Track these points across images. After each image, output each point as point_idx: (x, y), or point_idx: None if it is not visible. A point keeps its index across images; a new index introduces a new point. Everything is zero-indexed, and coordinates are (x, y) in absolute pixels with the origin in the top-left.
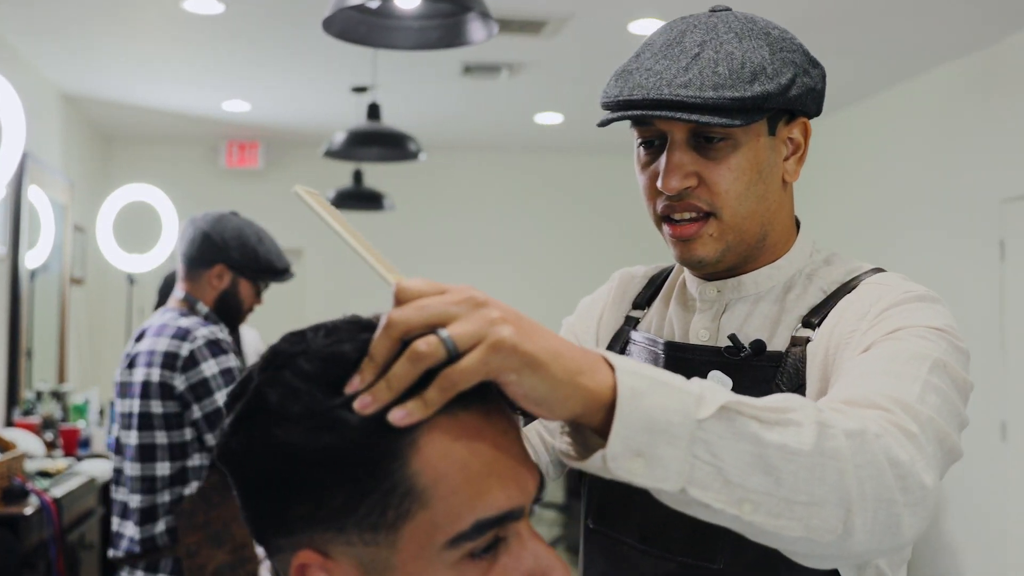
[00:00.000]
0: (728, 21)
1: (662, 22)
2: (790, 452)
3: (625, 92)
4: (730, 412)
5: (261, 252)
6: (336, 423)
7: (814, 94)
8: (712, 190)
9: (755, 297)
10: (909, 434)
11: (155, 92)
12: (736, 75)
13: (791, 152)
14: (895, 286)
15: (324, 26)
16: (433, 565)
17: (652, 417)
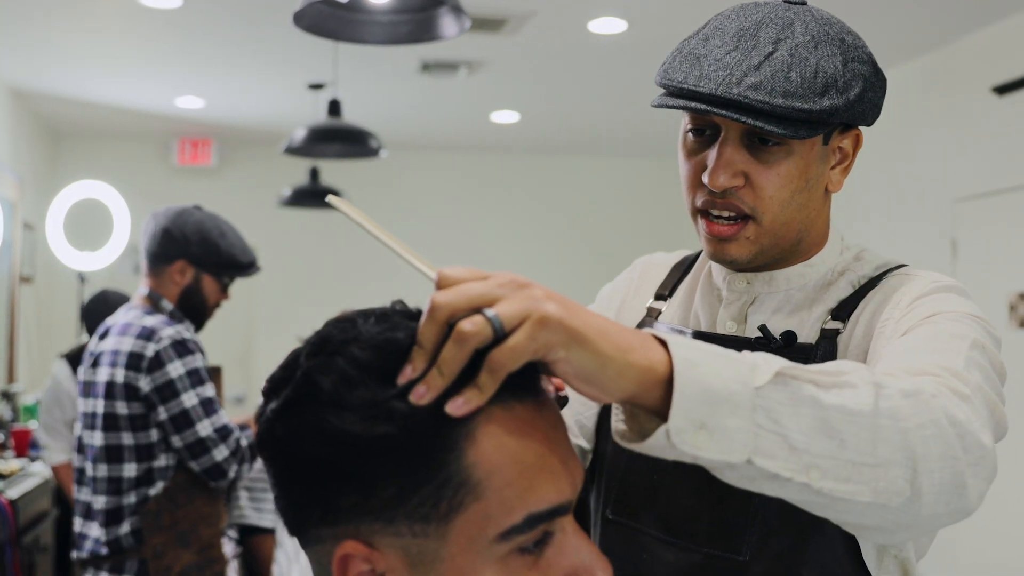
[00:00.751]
0: (805, 20)
1: (623, 22)
2: (850, 413)
3: (691, 80)
4: (786, 377)
5: (223, 246)
6: (393, 413)
7: (873, 107)
8: (757, 193)
9: (786, 294)
10: (963, 395)
11: (107, 87)
12: (808, 84)
13: (838, 162)
14: (924, 276)
15: (295, 20)
16: (482, 558)
17: (711, 387)
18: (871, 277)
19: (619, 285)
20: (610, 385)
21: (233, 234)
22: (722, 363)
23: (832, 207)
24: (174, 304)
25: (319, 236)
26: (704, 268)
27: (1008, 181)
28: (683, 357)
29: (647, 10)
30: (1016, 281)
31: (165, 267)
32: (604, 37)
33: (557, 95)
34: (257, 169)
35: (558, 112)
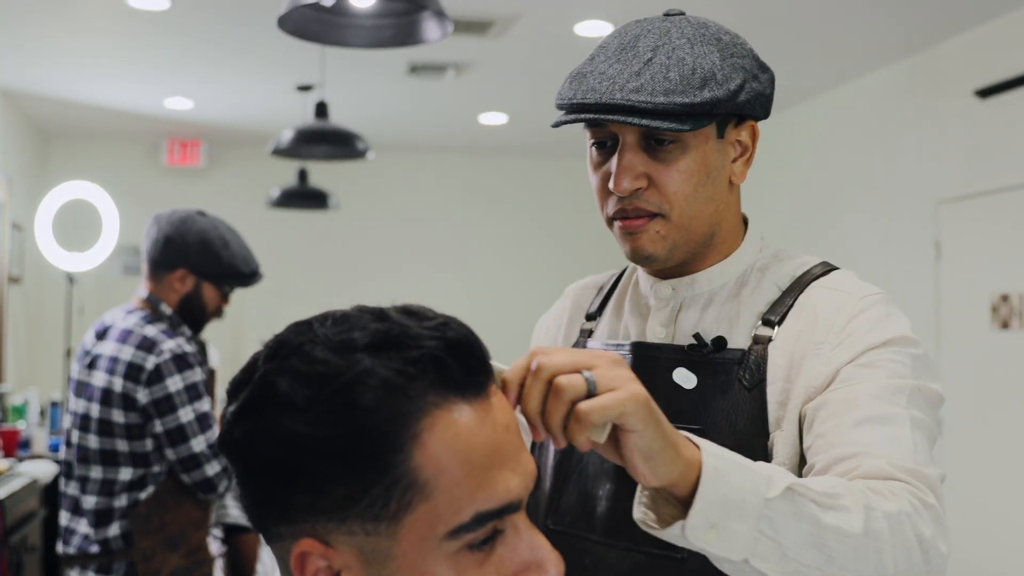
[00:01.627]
0: (681, 26)
1: (609, 24)
2: (843, 534)
3: (579, 95)
4: (794, 493)
5: (225, 257)
6: (343, 415)
7: (762, 99)
8: (661, 192)
9: (709, 294)
10: (929, 506)
11: (96, 88)
12: (687, 81)
13: (739, 154)
14: (852, 291)
15: (279, 23)
16: (432, 555)
17: (729, 497)
18: (794, 277)
19: (553, 315)
20: (661, 469)
21: (236, 243)
22: (743, 474)
23: (816, 209)
24: (173, 309)
25: (308, 237)
26: (631, 281)
27: (991, 183)
28: (712, 465)
29: (634, 13)
30: (998, 282)
31: (166, 274)
32: (590, 40)
33: (545, 97)
34: (246, 170)
35: (546, 114)
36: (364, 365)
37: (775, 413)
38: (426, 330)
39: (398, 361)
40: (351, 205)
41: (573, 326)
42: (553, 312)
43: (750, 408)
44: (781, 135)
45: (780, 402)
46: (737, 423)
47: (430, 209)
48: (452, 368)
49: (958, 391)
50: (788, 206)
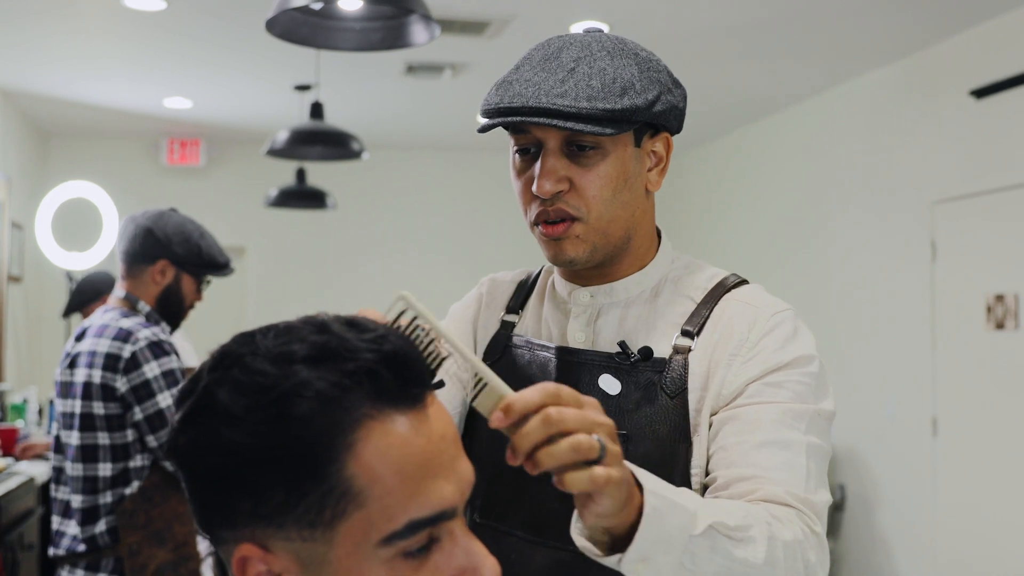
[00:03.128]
0: (601, 41)
1: (604, 25)
2: (748, 565)
3: (506, 100)
4: (713, 531)
5: (204, 247)
6: (278, 425)
7: (676, 111)
8: (581, 195)
9: (625, 302)
10: (816, 534)
11: (95, 88)
12: (608, 89)
13: (654, 164)
14: (764, 307)
15: (267, 27)
16: (367, 561)
17: (661, 534)
18: (707, 289)
19: (470, 301)
20: (612, 521)
21: (210, 235)
22: (675, 513)
23: (812, 208)
24: (152, 306)
25: (305, 236)
26: (548, 283)
27: (986, 183)
28: (653, 506)
29: (628, 13)
30: (994, 283)
31: (146, 267)
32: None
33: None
34: (245, 169)
35: None
36: (301, 377)
37: (694, 419)
38: (364, 343)
39: (335, 373)
40: (349, 204)
41: (491, 314)
42: (468, 300)
43: (672, 416)
44: (777, 135)
45: (697, 409)
46: (659, 430)
47: (428, 207)
48: (387, 380)
49: (952, 391)
50: (784, 206)
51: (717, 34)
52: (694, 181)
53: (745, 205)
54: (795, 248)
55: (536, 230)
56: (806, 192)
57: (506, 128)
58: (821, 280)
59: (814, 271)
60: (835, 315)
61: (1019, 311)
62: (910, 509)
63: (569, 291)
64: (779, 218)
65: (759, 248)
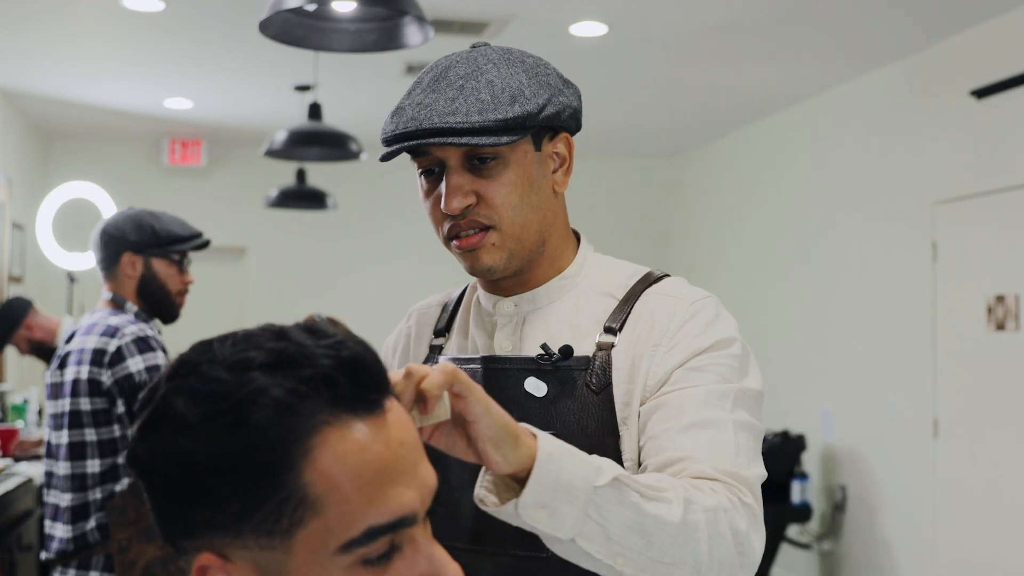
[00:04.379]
0: (487, 54)
1: (603, 25)
2: (663, 522)
3: (400, 126)
4: (620, 483)
5: (159, 227)
6: (234, 433)
7: (571, 111)
8: (489, 205)
9: (549, 307)
10: (746, 504)
11: (95, 89)
12: (497, 99)
13: (559, 165)
14: (684, 296)
15: (261, 28)
16: (326, 569)
17: (560, 479)
18: (628, 287)
19: (399, 336)
20: (510, 455)
21: (167, 216)
22: (574, 461)
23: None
24: (135, 302)
25: (306, 236)
26: (473, 298)
27: (987, 184)
28: (546, 451)
29: (627, 13)
30: (994, 284)
31: (115, 266)
32: (586, 40)
33: None
34: (246, 169)
35: None
36: (257, 384)
37: (622, 413)
38: (321, 349)
39: (291, 380)
40: (350, 205)
41: (420, 343)
42: (398, 332)
43: (599, 411)
44: (776, 137)
45: (625, 403)
46: (588, 426)
47: None
48: (344, 386)
49: (953, 392)
50: (784, 206)
51: (716, 34)
52: (691, 182)
53: (744, 206)
54: (794, 248)
55: (451, 245)
56: (805, 193)
57: (408, 152)
58: (821, 281)
59: (813, 272)
60: (835, 315)
61: (1020, 312)
62: (911, 510)
63: (493, 303)
64: (778, 219)
65: (758, 249)
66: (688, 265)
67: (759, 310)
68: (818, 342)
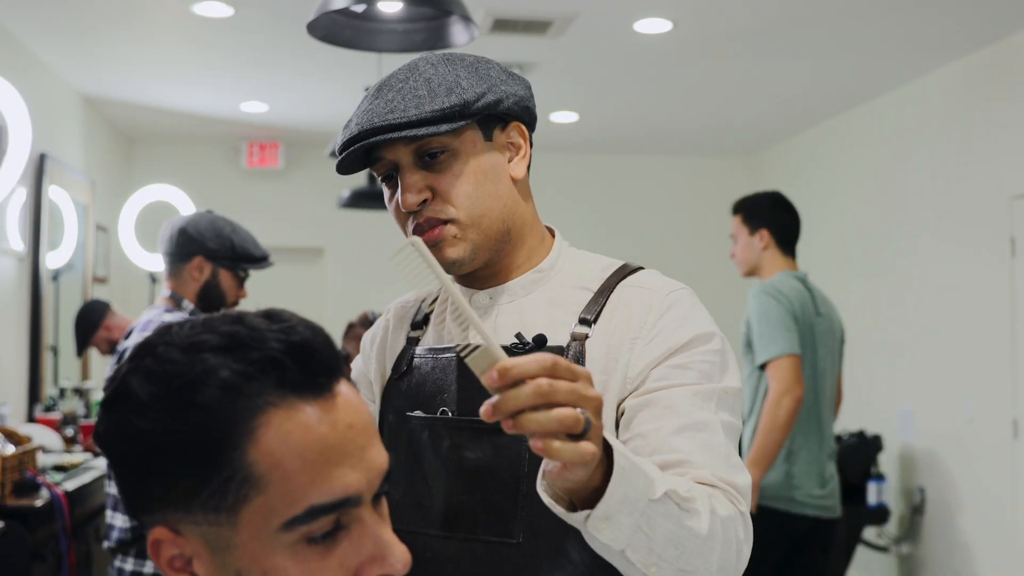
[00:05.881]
0: (427, 59)
1: (668, 21)
2: (694, 535)
3: (346, 135)
4: (667, 498)
5: (236, 241)
6: (182, 411)
7: (515, 99)
8: (445, 198)
9: (524, 300)
10: (742, 514)
11: (174, 94)
12: (433, 93)
13: (515, 154)
14: (659, 289)
15: (308, 29)
16: (271, 546)
17: (627, 494)
18: (602, 280)
19: (377, 331)
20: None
21: (244, 231)
22: (638, 475)
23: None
24: (194, 304)
25: (382, 236)
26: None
27: None
28: (621, 467)
29: (693, 10)
30: None
31: (183, 265)
32: (651, 37)
33: (614, 94)
34: (322, 171)
35: (616, 111)
36: (206, 365)
37: None
38: (272, 333)
39: (241, 362)
40: None
41: (398, 335)
42: (376, 327)
43: None
44: (851, 132)
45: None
46: None
47: None
48: (290, 369)
49: None
50: (859, 203)
51: (785, 29)
52: (766, 181)
53: (819, 203)
54: (870, 245)
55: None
56: (881, 189)
57: (368, 165)
58: (897, 278)
59: (890, 269)
60: (912, 314)
61: None
62: (991, 512)
63: (469, 296)
64: (853, 216)
65: (834, 247)
66: None
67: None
68: (895, 341)
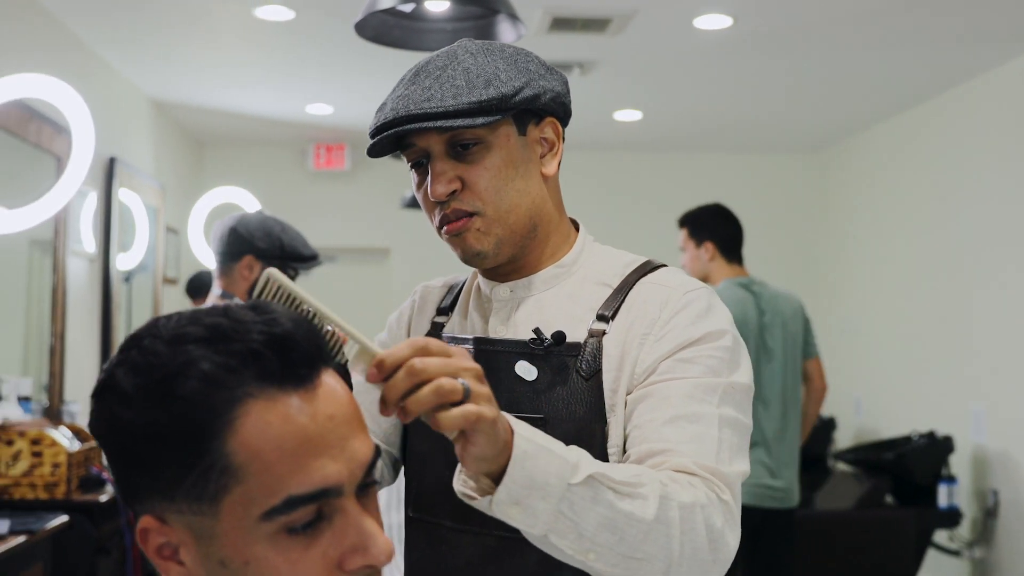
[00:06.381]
0: (466, 47)
1: (728, 17)
2: (635, 519)
3: (380, 119)
4: (594, 481)
5: (286, 240)
6: (163, 403)
7: (553, 95)
8: (474, 190)
9: (544, 294)
10: (723, 502)
11: (241, 97)
12: (472, 84)
13: (547, 150)
14: (676, 287)
15: (357, 29)
16: (252, 535)
17: (534, 477)
18: (623, 276)
19: (403, 311)
20: (491, 465)
21: (293, 230)
22: (550, 459)
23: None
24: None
25: None
26: (474, 283)
27: None
28: (522, 449)
29: (752, 4)
30: None
31: (234, 264)
32: (711, 33)
33: (676, 91)
34: (388, 172)
35: (679, 109)
36: (188, 357)
37: (610, 400)
38: (256, 325)
39: (222, 354)
40: None
41: (422, 318)
42: (403, 308)
43: (587, 397)
44: (923, 126)
45: (613, 389)
46: (576, 411)
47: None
48: (270, 361)
49: None
50: (934, 198)
51: (851, 21)
52: (833, 179)
53: (893, 199)
54: (941, 242)
55: (442, 234)
56: (953, 183)
57: (399, 149)
58: (970, 276)
59: (960, 266)
60: (984, 311)
61: None
62: None
63: (491, 288)
64: (928, 211)
65: (903, 243)
66: (836, 266)
67: (913, 308)
68: (967, 339)
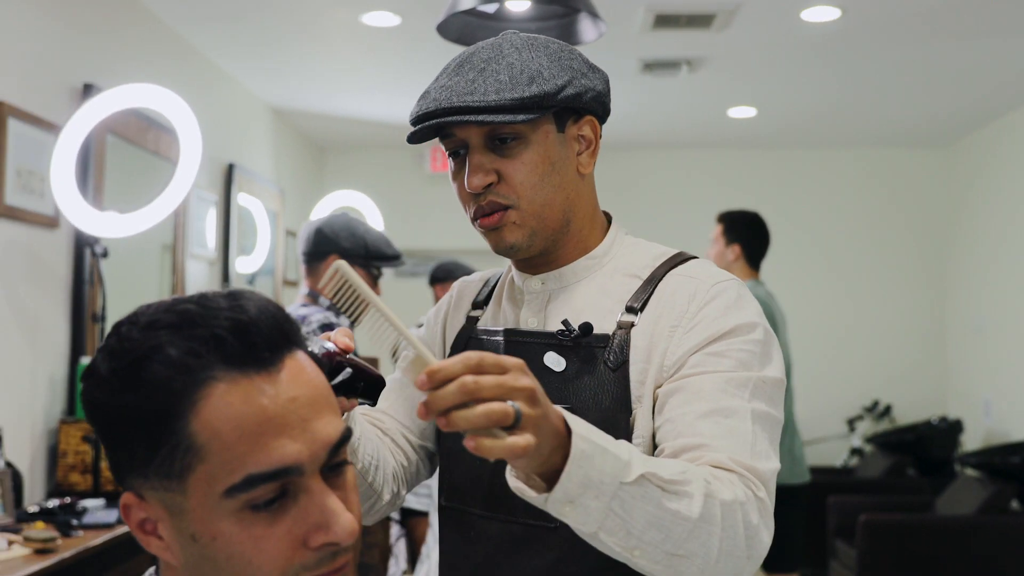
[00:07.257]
0: (511, 40)
1: (836, 9)
2: (681, 518)
3: (423, 108)
4: (645, 480)
5: (370, 240)
6: (132, 385)
7: (594, 94)
8: (510, 184)
9: (575, 286)
10: (759, 499)
11: (356, 103)
12: (515, 80)
13: (584, 148)
14: (705, 278)
15: (439, 31)
16: (217, 512)
17: (589, 478)
18: (652, 268)
19: (441, 306)
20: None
21: (376, 231)
22: (605, 458)
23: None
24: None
25: None
26: (508, 276)
27: None
28: (580, 449)
29: None
30: None
31: (320, 264)
32: (819, 25)
33: (789, 87)
34: None
35: (793, 104)
36: (157, 342)
37: (636, 391)
38: (223, 311)
39: (188, 339)
40: None
41: (458, 312)
42: (441, 304)
43: (614, 388)
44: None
45: (640, 381)
46: (602, 401)
47: (666, 204)
48: (232, 345)
49: None
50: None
51: (965, 7)
52: (961, 173)
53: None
54: None
55: (476, 225)
56: None
57: (440, 138)
58: None
59: None
60: None
61: None
62: None
63: (523, 280)
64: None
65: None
66: (964, 263)
67: None
68: None
